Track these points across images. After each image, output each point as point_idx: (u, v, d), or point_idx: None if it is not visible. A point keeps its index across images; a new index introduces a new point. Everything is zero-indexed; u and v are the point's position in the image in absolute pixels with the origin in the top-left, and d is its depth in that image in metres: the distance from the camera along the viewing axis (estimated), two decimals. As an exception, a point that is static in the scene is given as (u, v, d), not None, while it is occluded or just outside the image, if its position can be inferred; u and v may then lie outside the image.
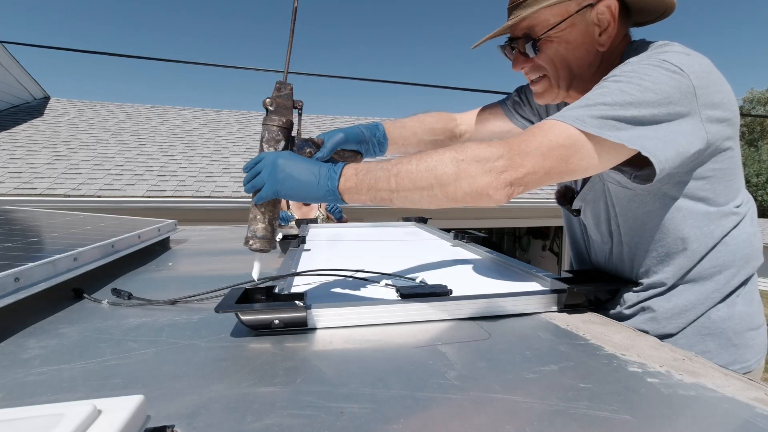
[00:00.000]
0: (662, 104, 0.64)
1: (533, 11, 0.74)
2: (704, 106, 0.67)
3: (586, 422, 0.42)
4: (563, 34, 0.75)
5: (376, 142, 0.90)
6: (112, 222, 1.51)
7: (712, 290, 0.75)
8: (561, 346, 0.62)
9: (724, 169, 0.72)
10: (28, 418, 0.30)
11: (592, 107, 0.65)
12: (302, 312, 0.66)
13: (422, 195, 0.66)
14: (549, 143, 0.64)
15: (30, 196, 4.05)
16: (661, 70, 0.66)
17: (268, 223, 0.74)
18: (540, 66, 0.80)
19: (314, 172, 0.68)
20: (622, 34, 0.78)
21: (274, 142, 0.73)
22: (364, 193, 0.68)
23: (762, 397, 0.47)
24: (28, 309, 0.76)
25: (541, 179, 0.65)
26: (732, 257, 0.75)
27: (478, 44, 0.86)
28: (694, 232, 0.74)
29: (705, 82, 0.67)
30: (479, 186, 0.63)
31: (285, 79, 0.77)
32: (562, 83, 0.80)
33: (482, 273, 1.02)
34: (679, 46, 0.72)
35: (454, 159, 0.64)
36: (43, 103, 7.29)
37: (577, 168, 0.65)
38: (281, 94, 0.74)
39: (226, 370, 0.54)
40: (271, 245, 0.74)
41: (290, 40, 0.78)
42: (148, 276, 1.07)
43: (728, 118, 0.70)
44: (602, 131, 0.63)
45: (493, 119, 1.10)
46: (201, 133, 6.75)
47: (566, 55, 0.77)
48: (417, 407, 0.45)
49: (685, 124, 0.66)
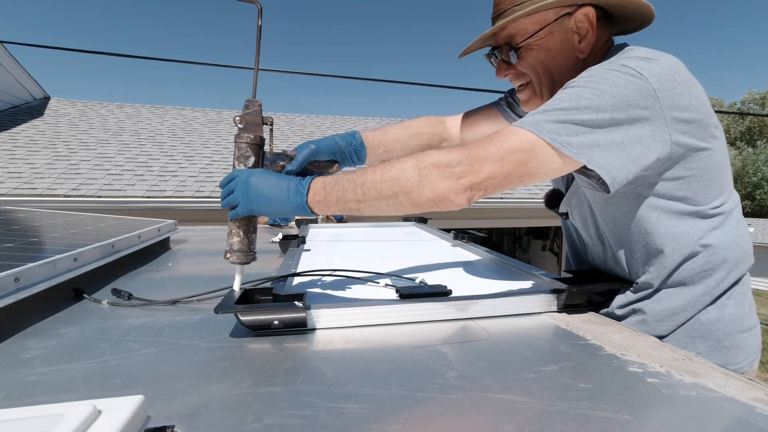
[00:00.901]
0: (620, 108, 0.65)
1: (511, 19, 0.76)
2: (669, 108, 0.67)
3: (586, 422, 0.42)
4: (542, 42, 0.77)
5: (353, 151, 0.89)
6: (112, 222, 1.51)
7: (702, 293, 0.75)
8: (561, 346, 0.62)
9: (702, 168, 0.72)
10: (28, 418, 0.31)
11: (550, 112, 0.66)
12: (302, 312, 0.66)
13: (388, 203, 0.67)
14: (507, 148, 0.65)
15: (30, 196, 4.05)
16: (619, 74, 0.67)
17: (244, 235, 0.74)
18: (523, 73, 0.82)
19: (283, 188, 0.69)
20: (602, 40, 0.80)
21: (244, 158, 0.74)
22: (333, 204, 0.69)
23: (762, 397, 0.47)
24: (28, 309, 0.76)
25: (500, 183, 0.66)
26: (720, 260, 0.75)
27: (463, 53, 0.89)
28: (671, 231, 0.75)
29: (668, 84, 0.67)
30: (440, 191, 0.65)
31: (254, 94, 0.79)
32: (545, 89, 0.82)
33: (482, 273, 1.02)
34: (643, 51, 0.72)
35: (416, 166, 0.66)
36: (43, 103, 7.29)
37: (536, 172, 0.66)
38: (249, 111, 0.76)
39: (226, 370, 0.54)
40: (248, 257, 0.75)
41: (257, 58, 0.79)
42: (148, 276, 1.07)
43: (698, 119, 0.70)
44: (558, 137, 0.64)
45: (487, 121, 1.09)
46: (201, 133, 6.75)
47: (546, 62, 0.79)
48: (417, 407, 0.45)
49: (645, 127, 0.66)
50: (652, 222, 0.75)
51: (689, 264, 0.75)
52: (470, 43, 0.86)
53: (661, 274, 0.77)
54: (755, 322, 0.80)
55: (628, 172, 0.66)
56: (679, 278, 0.76)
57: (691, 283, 0.76)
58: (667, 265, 0.76)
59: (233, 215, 0.72)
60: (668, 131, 0.68)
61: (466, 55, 0.89)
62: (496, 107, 1.08)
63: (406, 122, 1.04)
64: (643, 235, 0.77)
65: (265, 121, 0.78)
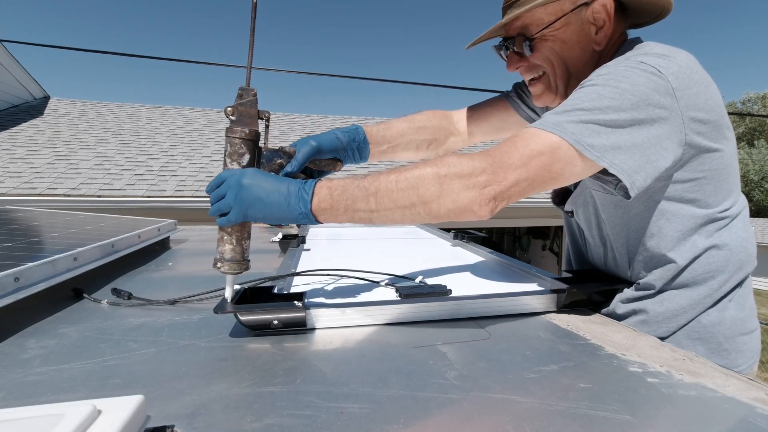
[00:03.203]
0: (641, 107, 0.63)
1: (526, 9, 0.73)
2: (686, 107, 0.66)
3: (586, 422, 0.42)
4: (558, 32, 0.75)
5: (355, 147, 0.85)
6: (112, 222, 1.51)
7: (704, 295, 0.75)
8: (561, 346, 0.62)
9: (714, 170, 0.72)
10: (28, 418, 0.30)
11: (570, 113, 0.64)
12: (301, 312, 0.66)
13: (404, 213, 0.63)
14: (530, 152, 0.63)
15: (30, 195, 4.05)
16: (639, 71, 0.65)
17: (237, 243, 0.66)
18: (535, 65, 0.80)
19: (283, 193, 0.62)
20: (618, 32, 0.78)
21: (237, 156, 0.65)
22: (341, 214, 0.64)
23: (762, 397, 0.47)
24: (28, 309, 0.76)
25: (524, 191, 0.64)
26: (725, 262, 0.74)
27: (472, 44, 0.86)
28: (679, 235, 0.74)
29: (685, 83, 0.66)
30: (463, 202, 0.62)
31: (248, 82, 0.69)
32: (560, 82, 0.79)
33: (482, 273, 1.02)
34: (659, 47, 0.71)
35: (436, 175, 0.62)
36: (43, 102, 7.29)
37: (560, 176, 0.65)
38: (243, 102, 0.67)
39: (226, 370, 0.54)
40: (241, 267, 0.67)
41: (251, 39, 0.70)
42: (148, 276, 1.07)
43: (713, 119, 0.69)
44: (582, 137, 0.62)
45: (497, 113, 1.05)
46: (201, 132, 6.75)
47: (562, 54, 0.76)
48: (417, 407, 0.45)
49: (665, 127, 0.65)
50: (660, 225, 0.75)
51: (694, 266, 0.75)
52: (480, 35, 0.83)
53: (664, 276, 0.76)
54: (756, 325, 0.79)
55: (647, 175, 0.65)
56: (682, 280, 0.76)
57: (693, 284, 0.75)
58: (672, 268, 0.75)
59: (224, 223, 0.64)
60: (684, 131, 0.66)
61: (473, 46, 0.86)
62: (506, 99, 1.04)
63: (411, 116, 1.00)
64: (649, 237, 0.76)
65: (261, 115, 0.68)
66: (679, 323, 0.76)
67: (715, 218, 0.74)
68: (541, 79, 0.81)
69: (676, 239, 0.75)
